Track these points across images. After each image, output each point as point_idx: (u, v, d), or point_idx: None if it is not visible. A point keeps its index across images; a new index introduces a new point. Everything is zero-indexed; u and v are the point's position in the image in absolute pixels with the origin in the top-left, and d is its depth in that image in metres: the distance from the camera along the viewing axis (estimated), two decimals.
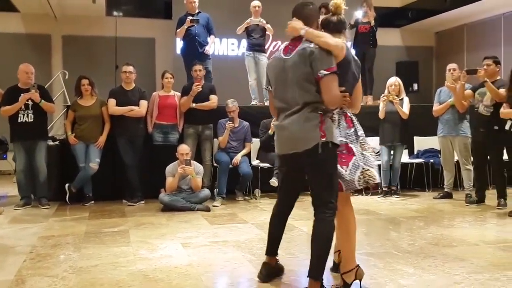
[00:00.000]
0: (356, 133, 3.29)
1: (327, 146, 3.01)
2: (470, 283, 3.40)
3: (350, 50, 3.25)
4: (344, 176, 3.17)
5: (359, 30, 8.63)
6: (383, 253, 4.20)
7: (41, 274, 3.68)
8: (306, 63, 3.01)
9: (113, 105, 6.73)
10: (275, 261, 3.59)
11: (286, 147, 3.17)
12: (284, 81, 3.13)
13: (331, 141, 3.03)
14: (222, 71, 9.06)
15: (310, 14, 3.21)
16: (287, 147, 3.16)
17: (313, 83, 3.01)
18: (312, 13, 3.22)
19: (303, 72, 3.03)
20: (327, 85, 2.98)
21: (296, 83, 3.06)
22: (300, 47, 3.07)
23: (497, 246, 4.40)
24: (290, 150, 3.13)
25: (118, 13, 10.78)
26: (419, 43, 12.32)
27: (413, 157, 7.88)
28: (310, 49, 3.01)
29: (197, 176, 6.36)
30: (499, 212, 5.99)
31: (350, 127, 3.27)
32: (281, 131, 3.19)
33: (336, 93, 3.01)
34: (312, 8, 3.25)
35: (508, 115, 5.71)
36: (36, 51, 10.25)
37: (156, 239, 4.77)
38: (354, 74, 3.28)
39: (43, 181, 6.55)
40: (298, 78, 3.05)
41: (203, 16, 7.81)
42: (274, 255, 3.56)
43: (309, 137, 3.02)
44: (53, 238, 4.86)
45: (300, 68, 3.03)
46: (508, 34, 10.15)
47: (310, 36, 3.06)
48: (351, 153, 3.20)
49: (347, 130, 3.25)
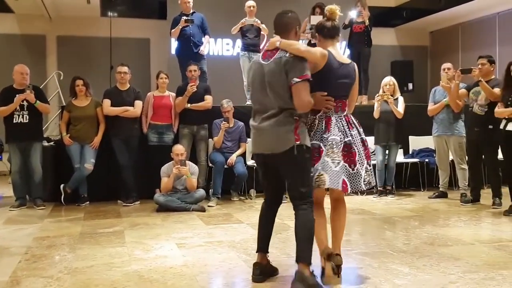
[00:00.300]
0: (328, 138, 3.41)
1: (302, 149, 3.25)
2: (465, 282, 3.41)
3: (333, 58, 3.42)
4: None
5: (353, 30, 8.64)
6: (378, 252, 4.20)
7: (36, 275, 3.67)
8: (281, 71, 3.22)
9: (108, 105, 6.71)
10: (266, 260, 3.60)
11: (263, 148, 3.39)
12: (262, 85, 3.32)
13: (305, 144, 3.27)
14: (217, 71, 9.05)
15: (288, 22, 3.42)
16: (264, 148, 3.38)
17: (287, 89, 3.22)
18: (289, 21, 3.43)
19: (279, 79, 3.23)
20: (297, 92, 3.18)
21: (272, 89, 3.26)
22: (277, 55, 3.29)
23: (492, 245, 4.41)
24: (267, 151, 3.36)
25: (113, 14, 10.76)
26: (414, 43, 12.35)
27: (408, 156, 7.89)
28: (285, 58, 3.23)
29: (192, 177, 6.35)
30: (494, 211, 6.00)
31: (328, 132, 3.41)
32: (258, 132, 3.39)
33: (305, 99, 3.19)
34: (290, 16, 3.45)
35: (503, 114, 5.73)
36: (30, 51, 10.23)
37: (151, 239, 4.77)
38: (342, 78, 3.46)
39: (38, 182, 6.53)
40: (274, 84, 3.25)
41: (197, 16, 7.80)
42: (265, 251, 3.58)
43: (286, 140, 3.24)
44: (48, 239, 4.85)
45: (276, 76, 3.24)
46: (502, 33, 10.18)
47: (284, 46, 3.28)
48: (320, 156, 3.38)
49: (324, 134, 3.41)
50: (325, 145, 3.38)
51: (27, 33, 10.44)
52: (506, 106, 5.70)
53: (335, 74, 3.42)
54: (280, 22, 3.44)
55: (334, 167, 3.36)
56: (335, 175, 3.35)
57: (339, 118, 3.47)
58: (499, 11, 10.20)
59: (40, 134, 6.75)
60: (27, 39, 10.42)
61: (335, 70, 3.41)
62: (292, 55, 3.22)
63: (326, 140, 3.39)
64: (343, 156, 3.39)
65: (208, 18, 8.09)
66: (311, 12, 8.11)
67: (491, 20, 10.48)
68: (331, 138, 3.39)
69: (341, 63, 3.47)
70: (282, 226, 5.31)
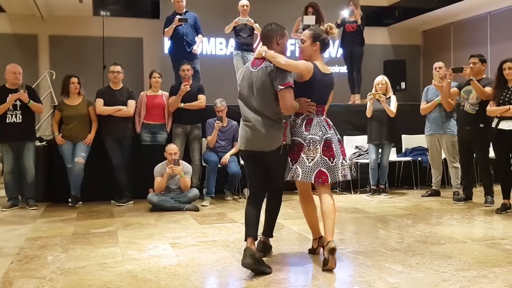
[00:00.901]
0: (307, 136, 3.86)
1: (285, 147, 3.84)
2: (458, 280, 3.43)
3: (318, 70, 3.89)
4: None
5: (346, 29, 8.65)
6: (372, 251, 4.22)
7: (29, 276, 3.66)
8: (267, 79, 3.74)
9: (100, 105, 6.69)
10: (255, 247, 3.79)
11: (253, 146, 3.82)
12: (252, 90, 3.82)
13: (287, 143, 3.85)
14: (210, 70, 9.05)
15: (268, 33, 3.91)
16: (254, 146, 3.82)
17: (274, 95, 3.74)
18: (270, 33, 3.90)
19: (265, 86, 3.75)
20: (282, 97, 3.71)
21: (260, 94, 3.78)
22: (264, 64, 3.79)
23: (485, 243, 4.43)
24: (257, 148, 3.81)
25: (106, 13, 10.72)
26: (407, 42, 12.38)
27: (401, 155, 7.91)
28: (270, 68, 3.74)
29: (186, 176, 6.35)
30: (486, 210, 6.03)
31: (308, 131, 3.86)
32: (251, 131, 3.81)
33: (290, 103, 3.72)
34: (270, 29, 3.92)
35: (495, 113, 5.76)
36: (23, 51, 10.17)
37: (144, 239, 4.76)
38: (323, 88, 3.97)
39: (30, 182, 6.50)
40: (263, 90, 3.76)
41: (190, 15, 7.79)
42: (254, 237, 3.80)
43: (275, 140, 3.77)
44: (40, 239, 4.83)
45: (263, 82, 3.76)
46: (494, 32, 10.23)
47: (268, 58, 3.77)
48: (300, 151, 3.84)
49: (305, 132, 3.86)
50: (305, 142, 3.84)
51: (19, 32, 10.38)
52: (498, 105, 5.73)
53: (318, 84, 3.89)
54: (263, 33, 3.95)
55: (308, 163, 3.80)
56: (308, 170, 3.79)
57: (320, 120, 3.91)
58: (491, 10, 10.25)
59: (33, 134, 6.71)
60: (19, 38, 10.36)
61: (319, 81, 3.89)
62: (275, 66, 3.72)
63: (305, 139, 3.84)
64: (324, 151, 3.81)
65: (201, 17, 8.08)
66: (304, 12, 8.11)
67: (483, 20, 10.53)
68: (309, 137, 3.83)
69: (324, 73, 3.93)
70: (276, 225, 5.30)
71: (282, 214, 5.88)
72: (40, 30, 10.55)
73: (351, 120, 7.87)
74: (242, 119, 3.94)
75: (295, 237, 4.83)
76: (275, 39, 3.86)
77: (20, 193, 6.63)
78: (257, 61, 3.85)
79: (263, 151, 3.78)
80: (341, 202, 6.79)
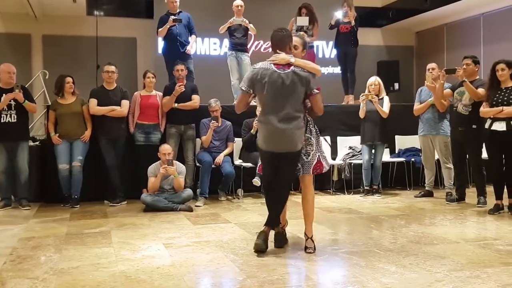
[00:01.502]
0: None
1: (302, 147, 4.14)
2: (451, 280, 3.44)
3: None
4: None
5: (340, 30, 8.67)
6: (365, 251, 4.23)
7: (22, 276, 3.64)
8: (302, 84, 3.99)
9: (94, 105, 6.67)
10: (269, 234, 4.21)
11: (280, 147, 4.06)
12: (281, 92, 4.00)
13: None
14: (204, 70, 9.04)
15: (283, 39, 4.14)
16: (281, 147, 4.05)
17: (303, 98, 4.04)
18: (284, 39, 4.14)
19: (299, 91, 4.01)
20: (316, 100, 4.10)
21: (292, 97, 4.00)
22: (293, 69, 4.02)
23: (477, 244, 4.46)
24: (284, 150, 4.04)
25: (99, 13, 10.67)
26: (400, 43, 12.41)
27: (394, 156, 7.93)
28: (304, 74, 4.02)
29: (180, 176, 6.34)
30: (479, 210, 6.06)
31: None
32: (277, 132, 4.02)
33: (322, 106, 4.14)
34: (285, 35, 4.16)
35: (488, 114, 5.79)
36: (16, 50, 10.10)
37: (138, 239, 4.75)
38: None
39: (24, 182, 6.47)
40: (294, 93, 4.00)
41: (184, 16, 7.79)
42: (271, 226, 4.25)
43: (299, 141, 4.06)
44: (33, 239, 4.81)
45: (297, 87, 3.99)
46: (487, 34, 10.27)
47: (299, 64, 4.03)
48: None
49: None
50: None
51: (12, 32, 10.32)
52: (491, 106, 5.76)
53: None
54: (278, 38, 4.15)
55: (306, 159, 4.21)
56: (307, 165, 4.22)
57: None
58: (484, 12, 10.30)
59: (27, 133, 6.69)
60: (12, 38, 10.29)
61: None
62: (307, 71, 4.02)
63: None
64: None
65: (195, 18, 8.07)
66: (298, 13, 8.12)
67: (476, 21, 10.58)
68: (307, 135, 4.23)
69: None
70: None
71: None
72: (34, 30, 10.49)
73: (345, 121, 7.89)
74: (266, 120, 4.09)
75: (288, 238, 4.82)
76: (288, 45, 4.11)
77: (13, 193, 6.59)
78: (281, 66, 4.04)
79: (291, 151, 4.05)
80: (335, 202, 6.80)
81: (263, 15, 9.81)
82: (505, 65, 5.73)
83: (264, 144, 4.14)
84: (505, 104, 5.65)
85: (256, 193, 7.24)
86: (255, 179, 6.68)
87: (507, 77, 5.75)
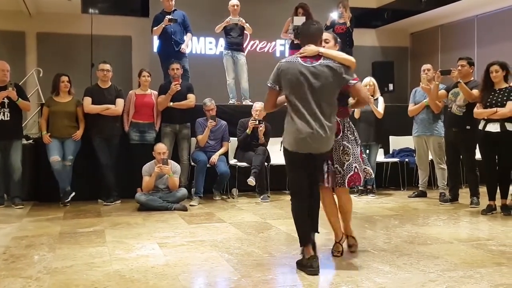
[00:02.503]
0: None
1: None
2: (445, 280, 3.46)
3: None
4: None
5: (335, 31, 8.64)
6: (359, 251, 4.23)
7: (15, 275, 3.63)
8: (333, 77, 3.61)
9: (89, 103, 6.65)
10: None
11: (314, 148, 3.66)
12: (309, 88, 3.60)
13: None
14: (199, 70, 9.03)
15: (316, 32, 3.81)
16: (315, 148, 3.67)
17: (336, 92, 3.68)
18: (317, 32, 3.81)
19: (330, 85, 3.61)
20: (358, 89, 3.77)
21: (322, 92, 3.60)
22: (324, 62, 3.63)
23: (470, 244, 4.48)
24: (318, 151, 3.69)
25: (94, 11, 10.62)
26: (395, 44, 12.44)
27: (389, 156, 7.96)
28: (335, 65, 3.63)
29: (174, 175, 6.33)
30: (472, 211, 6.09)
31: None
32: (312, 132, 3.59)
33: (366, 94, 3.89)
34: (318, 28, 3.84)
35: (482, 115, 5.81)
36: (9, 48, 10.04)
37: (132, 239, 4.74)
38: None
39: (17, 181, 6.45)
40: (324, 88, 3.60)
41: (179, 14, 7.78)
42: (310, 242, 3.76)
43: (332, 141, 3.76)
44: (27, 238, 4.79)
45: (328, 80, 3.60)
46: (481, 35, 10.32)
47: (329, 55, 3.67)
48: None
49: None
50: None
51: (6, 29, 10.26)
52: (485, 107, 5.79)
53: None
54: (312, 31, 3.81)
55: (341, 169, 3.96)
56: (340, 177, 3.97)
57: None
58: (478, 13, 10.35)
59: (20, 132, 6.67)
60: (6, 35, 10.23)
61: None
62: (339, 63, 3.64)
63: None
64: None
65: (191, 16, 8.06)
66: (294, 13, 8.13)
67: (470, 23, 10.62)
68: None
69: None
70: (264, 225, 5.33)
71: (270, 215, 5.93)
72: (28, 27, 10.44)
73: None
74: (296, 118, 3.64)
75: (284, 237, 4.83)
76: (320, 38, 3.82)
77: (6, 191, 6.57)
78: (309, 58, 3.66)
79: (322, 152, 3.74)
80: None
81: (259, 15, 9.81)
82: (499, 67, 5.76)
83: (296, 146, 3.68)
84: (498, 105, 5.68)
85: (251, 193, 7.24)
86: (249, 178, 6.68)
87: (500, 78, 5.78)
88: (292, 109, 3.68)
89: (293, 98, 3.65)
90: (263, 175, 6.93)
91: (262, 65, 10.27)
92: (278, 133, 7.33)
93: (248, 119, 7.03)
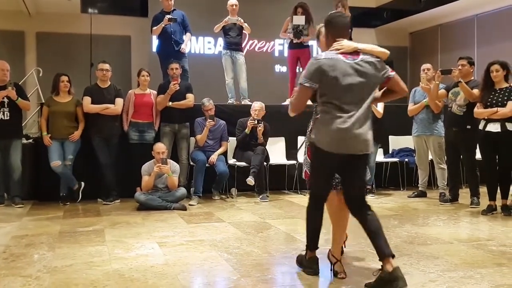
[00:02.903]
0: None
1: None
2: (445, 280, 3.45)
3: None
4: None
5: None
6: (359, 251, 4.24)
7: (15, 274, 3.62)
8: (376, 71, 3.41)
9: (88, 103, 6.64)
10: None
11: (353, 149, 3.39)
12: (356, 85, 3.36)
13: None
14: (198, 69, 9.03)
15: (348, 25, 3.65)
16: (354, 149, 3.39)
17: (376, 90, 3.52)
18: (348, 25, 3.66)
19: (373, 80, 3.42)
20: (397, 81, 3.51)
21: (366, 89, 3.40)
22: (365, 57, 3.41)
23: (471, 244, 4.47)
24: (359, 152, 3.41)
25: (93, 10, 10.63)
26: (394, 43, 12.40)
27: (388, 156, 7.96)
28: (375, 60, 3.43)
29: (173, 175, 6.32)
30: (472, 211, 6.09)
31: None
32: (353, 136, 3.36)
33: (404, 86, 3.58)
34: (349, 20, 3.69)
35: (482, 115, 5.81)
36: (9, 48, 10.05)
37: (131, 238, 4.73)
38: None
39: (17, 180, 6.44)
40: (368, 84, 3.40)
41: (178, 14, 7.77)
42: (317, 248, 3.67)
43: (371, 141, 3.47)
44: (26, 237, 4.78)
45: (371, 76, 3.40)
46: (481, 35, 10.32)
47: (367, 50, 3.45)
48: None
49: None
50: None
51: (6, 29, 10.26)
52: (485, 107, 5.78)
53: None
54: (346, 24, 3.62)
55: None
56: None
57: None
58: (477, 13, 10.35)
59: (20, 131, 6.67)
60: (6, 35, 10.23)
61: None
62: (376, 57, 3.45)
63: None
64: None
65: (190, 16, 8.06)
66: (293, 12, 8.12)
67: (470, 22, 10.62)
68: None
69: None
70: (263, 225, 5.33)
71: (270, 214, 5.92)
72: (27, 27, 10.44)
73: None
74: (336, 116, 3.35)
75: (283, 237, 4.83)
76: (348, 33, 3.67)
77: (6, 190, 6.57)
78: (349, 55, 3.40)
79: (362, 153, 3.44)
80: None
81: (257, 15, 9.81)
82: (500, 66, 5.76)
83: (335, 146, 3.38)
84: (499, 105, 5.67)
85: (250, 193, 7.24)
86: (249, 178, 6.68)
87: (501, 78, 5.77)
88: (329, 107, 3.39)
89: (332, 96, 3.37)
90: (262, 174, 6.93)
91: (261, 64, 10.33)
92: (277, 132, 7.43)
93: (247, 119, 7.03)
